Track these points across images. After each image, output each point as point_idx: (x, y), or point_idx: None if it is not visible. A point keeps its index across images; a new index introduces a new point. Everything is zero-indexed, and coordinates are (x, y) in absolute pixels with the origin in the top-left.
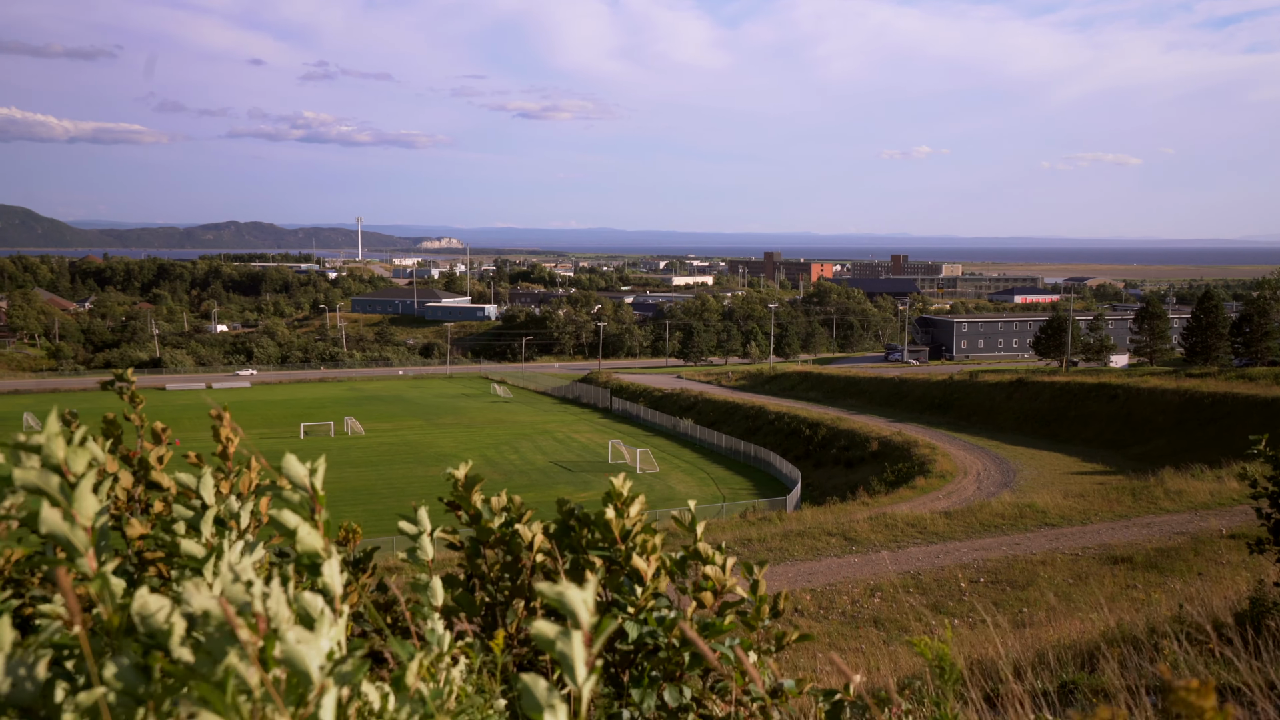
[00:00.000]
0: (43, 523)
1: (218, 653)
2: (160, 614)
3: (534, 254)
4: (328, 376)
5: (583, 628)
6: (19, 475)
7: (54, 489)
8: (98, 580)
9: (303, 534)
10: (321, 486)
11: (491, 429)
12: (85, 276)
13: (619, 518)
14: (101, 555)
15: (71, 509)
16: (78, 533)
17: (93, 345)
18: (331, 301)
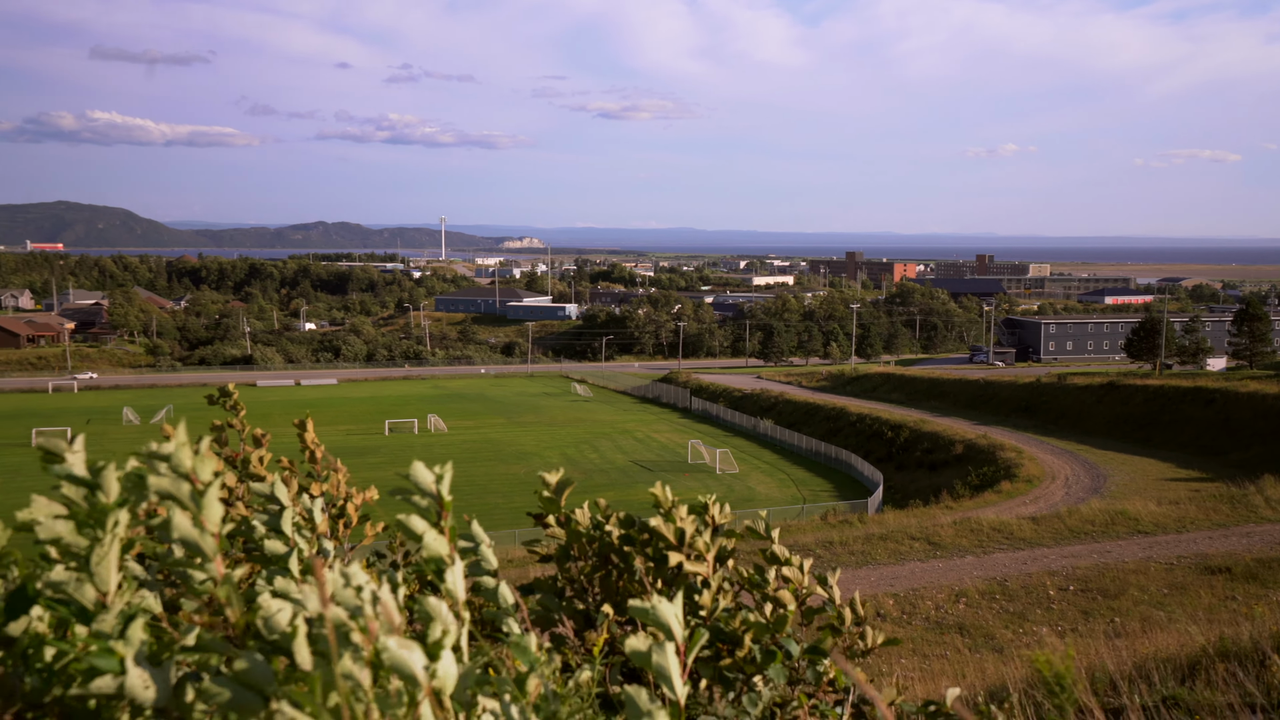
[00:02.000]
0: (174, 528)
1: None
2: (282, 617)
3: (614, 254)
4: (411, 374)
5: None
6: (154, 482)
7: (185, 496)
8: (225, 585)
9: (429, 539)
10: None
11: (572, 428)
12: (181, 276)
13: (668, 523)
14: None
15: (200, 515)
16: (206, 539)
17: (188, 342)
18: (415, 300)
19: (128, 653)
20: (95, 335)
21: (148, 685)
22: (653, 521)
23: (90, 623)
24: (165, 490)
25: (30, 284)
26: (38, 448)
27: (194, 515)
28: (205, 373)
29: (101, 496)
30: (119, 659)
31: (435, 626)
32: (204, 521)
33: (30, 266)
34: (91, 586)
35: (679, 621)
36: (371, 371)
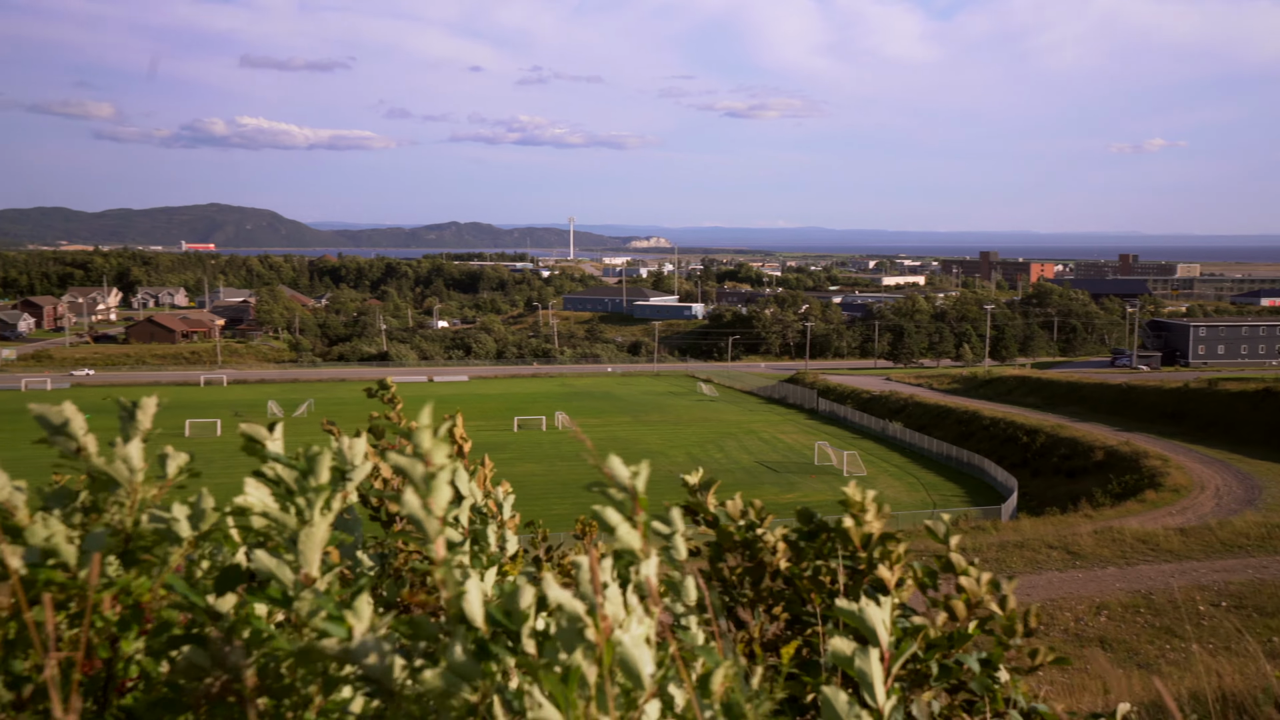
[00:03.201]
0: (404, 505)
1: (567, 648)
2: (523, 603)
3: (741, 253)
4: (540, 372)
5: (881, 647)
6: (394, 459)
7: (417, 476)
8: (444, 566)
9: (623, 532)
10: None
11: (697, 427)
12: (322, 274)
13: (858, 526)
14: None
15: (428, 498)
16: (431, 520)
17: (328, 339)
18: (544, 299)
19: (356, 623)
20: (243, 331)
21: (372, 656)
22: (845, 522)
23: (294, 599)
24: (401, 467)
25: (184, 282)
26: (241, 434)
27: (423, 496)
28: (344, 368)
29: (312, 480)
30: (348, 627)
31: (631, 623)
32: (431, 503)
33: (185, 266)
34: (297, 566)
35: (886, 628)
36: (501, 369)
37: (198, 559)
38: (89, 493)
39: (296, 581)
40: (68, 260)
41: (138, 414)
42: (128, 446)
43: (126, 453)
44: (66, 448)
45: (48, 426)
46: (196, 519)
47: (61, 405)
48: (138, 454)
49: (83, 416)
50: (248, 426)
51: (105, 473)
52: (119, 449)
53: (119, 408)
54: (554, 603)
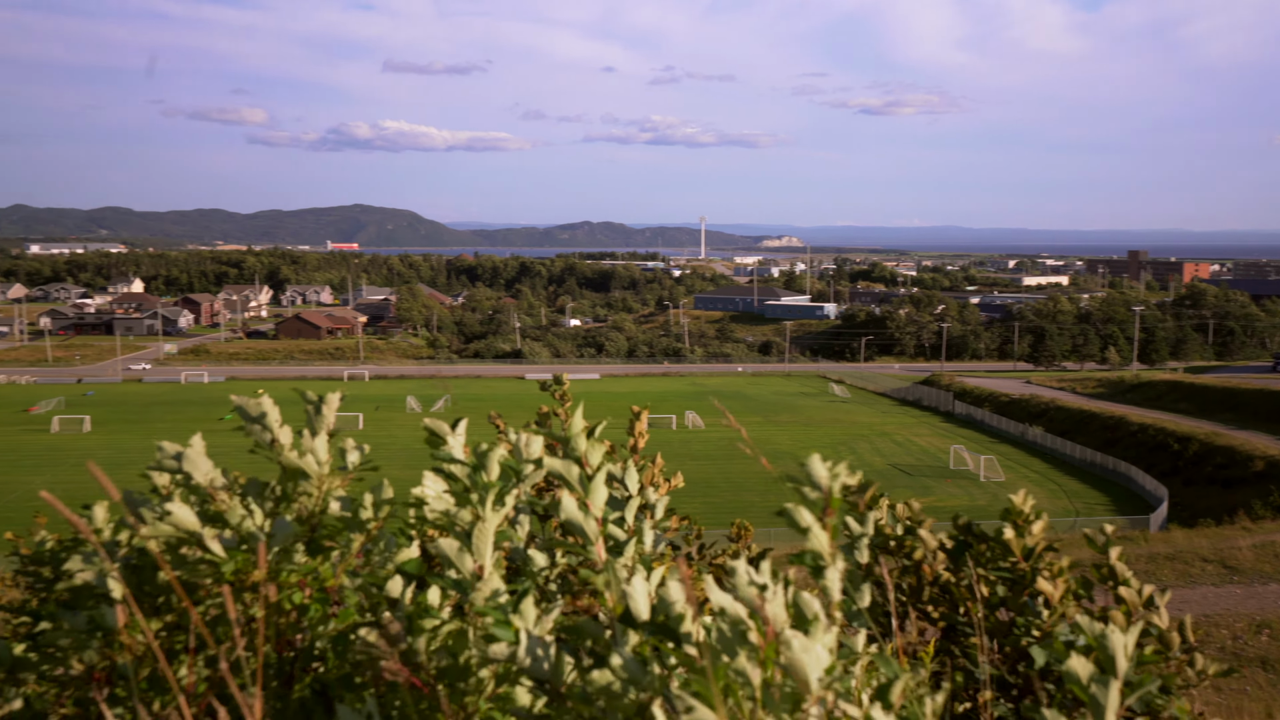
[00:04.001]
0: (562, 510)
1: (728, 651)
2: (679, 605)
3: (875, 252)
4: (670, 371)
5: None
6: (549, 461)
7: (574, 479)
8: (606, 569)
9: (814, 534)
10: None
11: (828, 428)
12: (459, 273)
13: (1019, 536)
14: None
15: (587, 499)
16: (590, 522)
17: (464, 336)
18: (675, 298)
19: (523, 625)
20: (384, 328)
21: (538, 657)
22: (1006, 532)
23: (467, 593)
24: (557, 471)
25: (329, 281)
26: (424, 428)
27: (580, 498)
28: (479, 365)
29: (483, 476)
30: (514, 630)
31: (816, 627)
32: (589, 505)
33: (330, 265)
34: (470, 559)
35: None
36: (632, 367)
37: (376, 548)
38: (279, 482)
39: (472, 573)
40: (223, 259)
41: (323, 409)
42: (315, 440)
43: (314, 446)
44: (261, 439)
45: (246, 417)
46: (378, 509)
47: (259, 398)
48: (325, 447)
49: (276, 410)
50: (431, 422)
51: (297, 465)
52: (306, 442)
53: (305, 402)
54: (715, 606)
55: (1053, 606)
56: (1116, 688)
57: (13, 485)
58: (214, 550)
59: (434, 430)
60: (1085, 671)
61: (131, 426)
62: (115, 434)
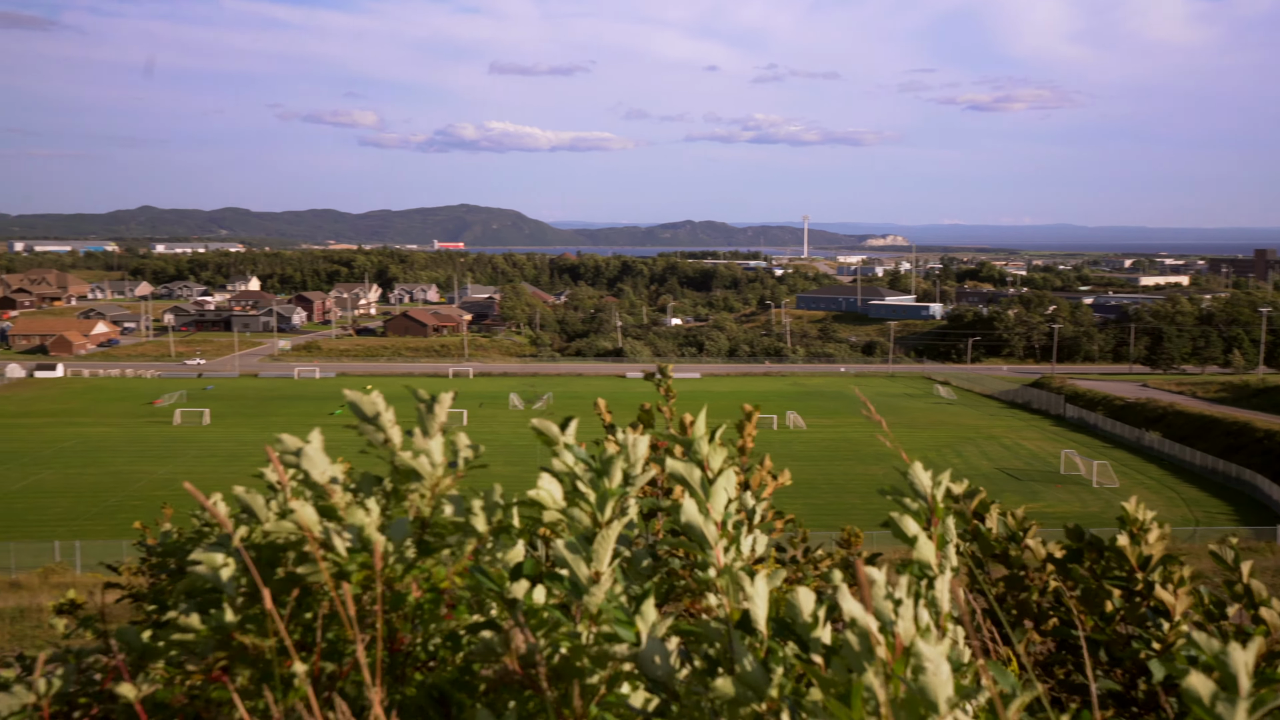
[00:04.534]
0: (683, 513)
1: (855, 665)
2: (807, 614)
3: (983, 251)
4: (771, 370)
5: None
6: (671, 464)
7: (695, 482)
8: (725, 574)
9: (920, 544)
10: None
11: (933, 430)
12: (562, 272)
13: (1135, 545)
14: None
15: (707, 503)
16: (709, 526)
17: (566, 334)
18: (777, 298)
19: (644, 627)
20: (488, 326)
21: (657, 659)
22: (1120, 540)
23: (582, 596)
24: (678, 474)
25: (436, 279)
26: (534, 429)
27: (701, 502)
28: (580, 363)
29: (605, 482)
30: (635, 631)
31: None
32: (710, 509)
33: (436, 264)
34: (588, 565)
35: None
36: (733, 367)
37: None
38: (391, 480)
39: (589, 577)
40: (335, 258)
41: (435, 408)
42: (429, 440)
43: (428, 447)
44: (375, 438)
45: (360, 415)
46: (490, 511)
47: (372, 396)
48: (438, 448)
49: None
50: (539, 422)
51: (411, 467)
52: (419, 442)
53: (417, 401)
54: (847, 615)
55: (1173, 619)
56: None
57: (138, 475)
58: (336, 549)
59: (544, 432)
60: (1207, 690)
61: (248, 420)
62: (233, 427)
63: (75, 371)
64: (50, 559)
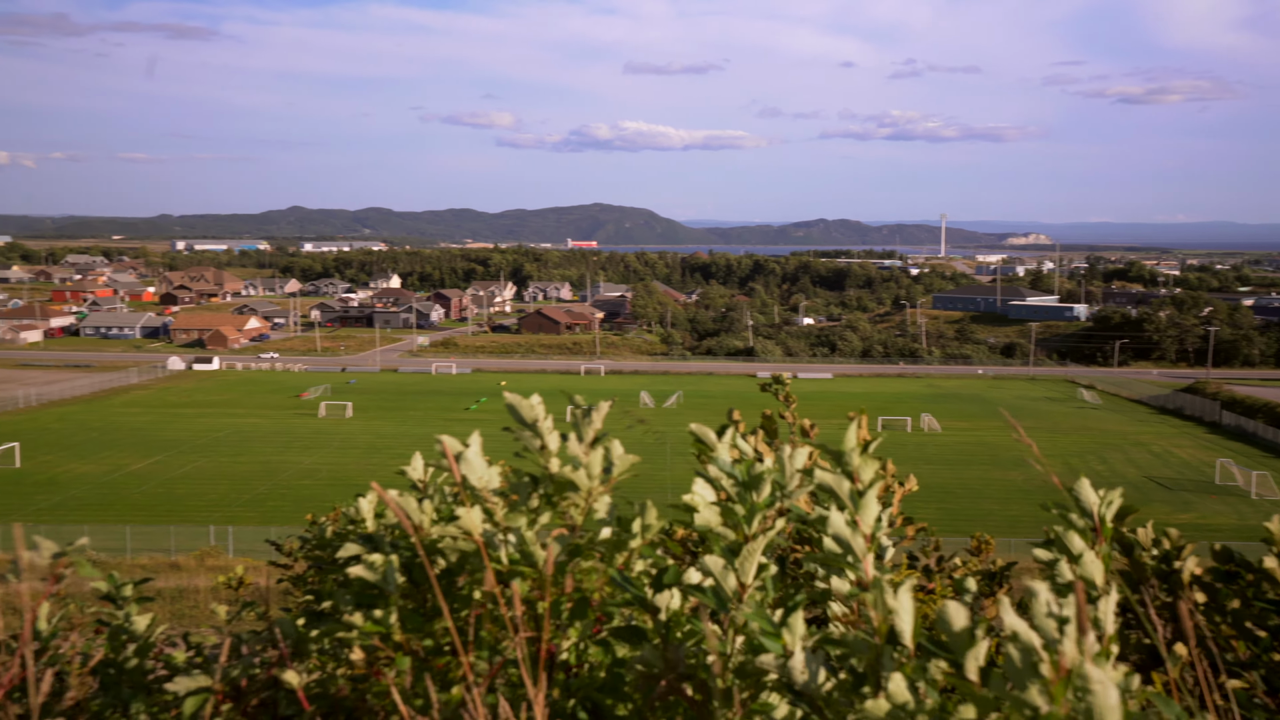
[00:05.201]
0: (830, 525)
1: (1017, 683)
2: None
3: (1132, 250)
4: (905, 372)
5: None
6: (820, 475)
7: (844, 494)
8: (874, 587)
9: (1086, 560)
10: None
11: (1076, 436)
12: (693, 271)
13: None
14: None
15: (856, 515)
16: (858, 539)
17: (697, 333)
18: (912, 298)
19: (792, 640)
20: (619, 324)
21: (803, 671)
22: (1266, 562)
23: (727, 607)
24: (827, 485)
25: (569, 278)
26: (691, 433)
27: (850, 514)
28: (711, 362)
29: (753, 495)
30: (783, 643)
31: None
32: (859, 521)
33: (570, 262)
34: (734, 576)
35: None
36: (866, 367)
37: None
38: (546, 485)
39: (734, 589)
40: (472, 257)
41: (593, 414)
42: (585, 450)
43: (584, 454)
44: (531, 444)
45: (519, 420)
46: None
47: (532, 400)
48: (597, 460)
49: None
50: (697, 427)
51: (568, 478)
52: (574, 449)
53: (573, 407)
54: (1009, 630)
55: None
56: None
57: (285, 465)
58: (500, 555)
59: (699, 437)
60: None
61: (387, 414)
62: (373, 420)
63: (229, 364)
64: (206, 542)
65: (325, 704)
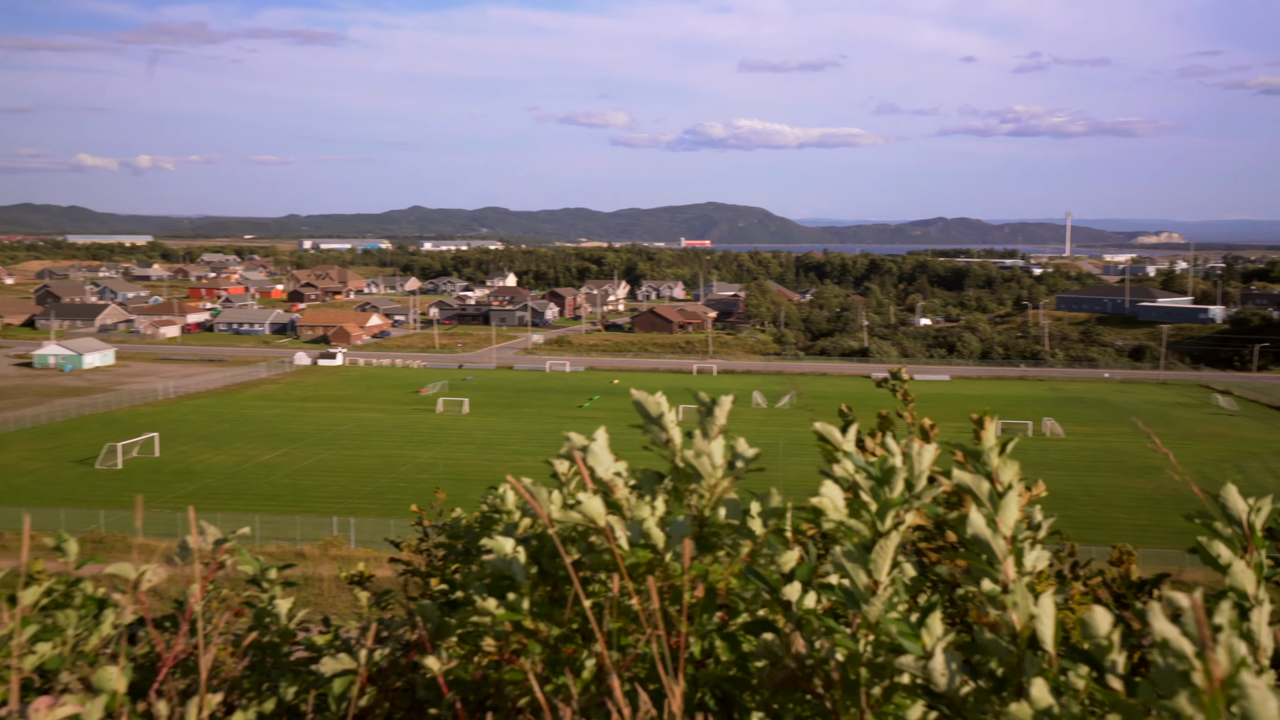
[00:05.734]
0: (970, 525)
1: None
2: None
3: (1275, 249)
4: (1027, 375)
5: None
6: (958, 475)
7: (984, 494)
8: (1016, 589)
9: (1236, 571)
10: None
11: (1210, 444)
12: (807, 270)
13: None
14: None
15: (996, 516)
16: (998, 540)
17: (810, 333)
18: (1035, 298)
19: (930, 640)
20: (732, 324)
21: (943, 673)
22: None
23: (858, 605)
24: (965, 485)
25: (682, 277)
26: (815, 432)
27: (989, 515)
28: (824, 362)
29: (885, 491)
30: (922, 645)
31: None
32: (999, 523)
33: (683, 261)
34: (866, 574)
35: None
36: (985, 369)
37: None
38: (671, 479)
39: (867, 586)
40: (586, 256)
41: (716, 411)
42: (710, 443)
43: (710, 449)
44: (658, 437)
45: (645, 415)
46: (767, 515)
47: (657, 397)
48: (719, 451)
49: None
50: (821, 426)
51: (693, 468)
52: (699, 443)
53: (698, 403)
54: (1159, 637)
55: None
56: None
57: (404, 459)
58: (622, 543)
59: (824, 435)
60: None
61: (502, 410)
62: (488, 416)
63: (352, 360)
64: (329, 533)
65: (461, 689)
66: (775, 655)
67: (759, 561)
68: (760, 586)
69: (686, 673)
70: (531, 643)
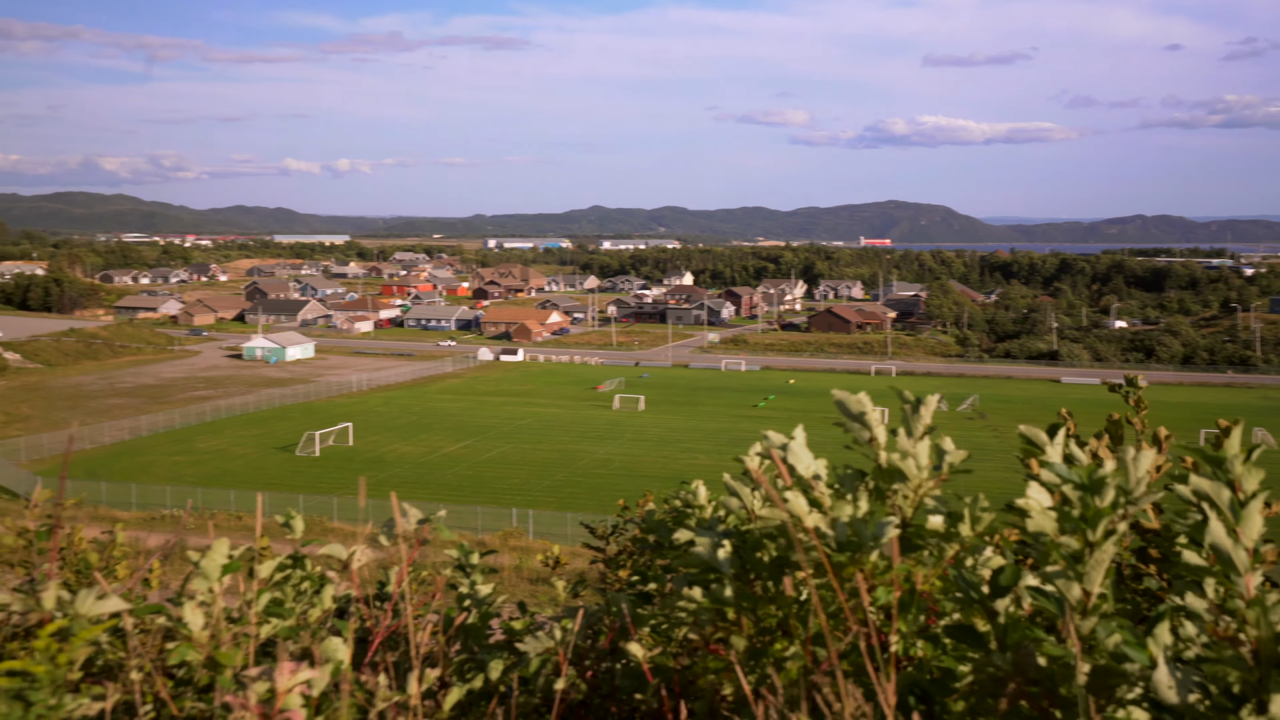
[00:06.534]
0: (1209, 534)
1: None
2: None
3: None
4: (1234, 381)
5: None
6: (1195, 481)
7: (1224, 503)
8: (1255, 604)
9: None
10: None
11: None
12: (992, 270)
13: None
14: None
15: (1237, 526)
16: (1239, 552)
17: (995, 335)
18: (1245, 300)
19: (1158, 650)
20: (912, 325)
21: (1170, 685)
22: None
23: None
24: (1203, 492)
25: (860, 276)
26: (1020, 435)
27: (1229, 524)
28: (1009, 365)
29: (1095, 500)
30: (1148, 654)
31: None
32: (1240, 533)
33: (862, 260)
34: (1079, 586)
35: None
36: (1186, 375)
37: (968, 554)
38: (874, 478)
39: (1079, 598)
40: (763, 255)
41: (921, 410)
42: (915, 443)
43: (915, 449)
44: (859, 435)
45: (846, 414)
46: (975, 522)
47: (860, 395)
48: (925, 450)
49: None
50: (1027, 429)
51: (897, 467)
52: (904, 442)
53: (902, 402)
54: None
55: None
56: None
57: (581, 454)
58: (829, 541)
59: (1030, 439)
60: None
61: (678, 408)
62: (664, 414)
63: (532, 356)
64: (509, 524)
65: (662, 677)
66: (996, 665)
67: (963, 564)
68: (965, 590)
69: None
70: (736, 633)
